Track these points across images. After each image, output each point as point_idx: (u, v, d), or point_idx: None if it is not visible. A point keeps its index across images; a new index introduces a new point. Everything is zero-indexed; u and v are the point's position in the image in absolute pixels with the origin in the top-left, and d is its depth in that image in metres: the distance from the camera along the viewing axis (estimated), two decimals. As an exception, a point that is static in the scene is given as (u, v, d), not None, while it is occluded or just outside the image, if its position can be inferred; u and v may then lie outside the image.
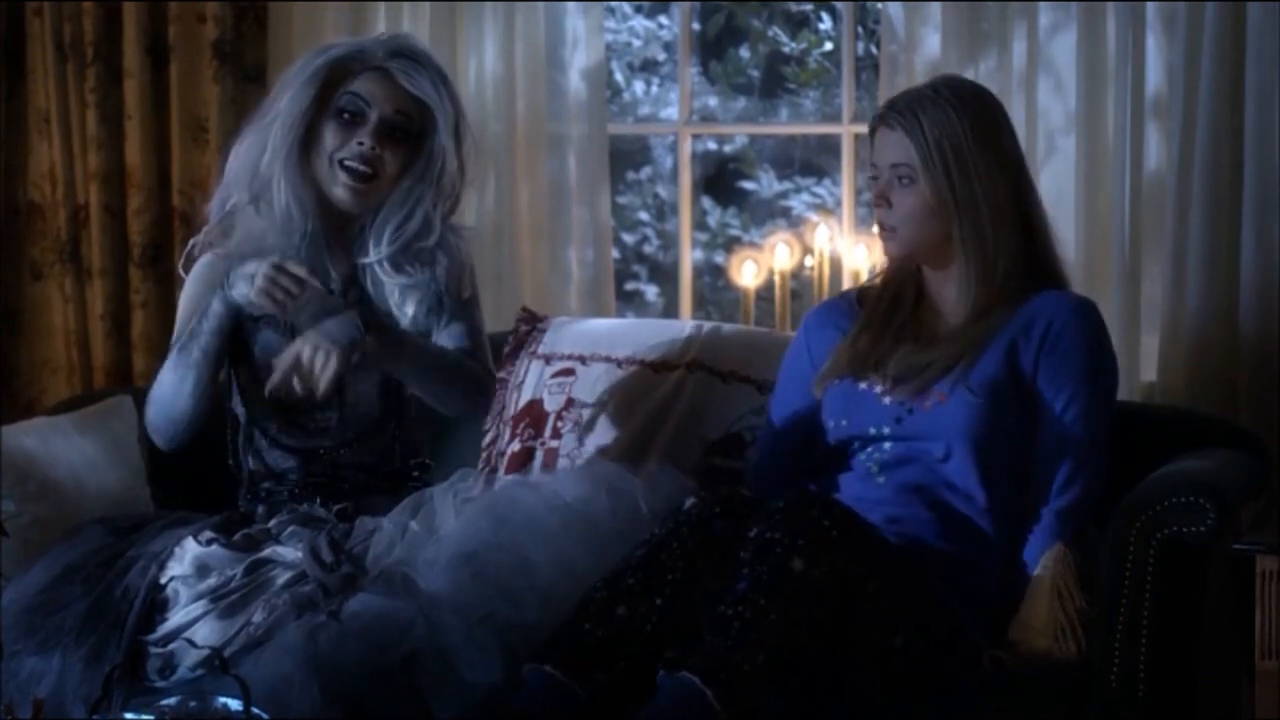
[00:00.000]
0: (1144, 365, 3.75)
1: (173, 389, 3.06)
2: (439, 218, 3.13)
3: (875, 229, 3.01)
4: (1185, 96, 3.66)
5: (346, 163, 3.05)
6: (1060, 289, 2.97)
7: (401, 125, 3.07)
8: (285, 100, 3.06)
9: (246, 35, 4.11)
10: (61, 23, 4.11)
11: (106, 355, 4.14)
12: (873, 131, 2.98)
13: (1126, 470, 2.95)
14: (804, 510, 2.65)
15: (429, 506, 2.98)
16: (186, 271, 3.20)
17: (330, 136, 3.06)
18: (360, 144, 3.05)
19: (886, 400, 2.94)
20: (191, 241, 3.21)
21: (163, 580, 2.94)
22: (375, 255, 3.11)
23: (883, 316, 3.01)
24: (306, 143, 3.07)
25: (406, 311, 3.13)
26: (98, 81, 4.12)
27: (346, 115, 3.06)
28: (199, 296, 3.13)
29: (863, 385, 2.97)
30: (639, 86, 6.37)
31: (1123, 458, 3.12)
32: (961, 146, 2.89)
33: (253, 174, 3.09)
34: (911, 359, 2.93)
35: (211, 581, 2.92)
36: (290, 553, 2.95)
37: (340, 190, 3.07)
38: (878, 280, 3.08)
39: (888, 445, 2.94)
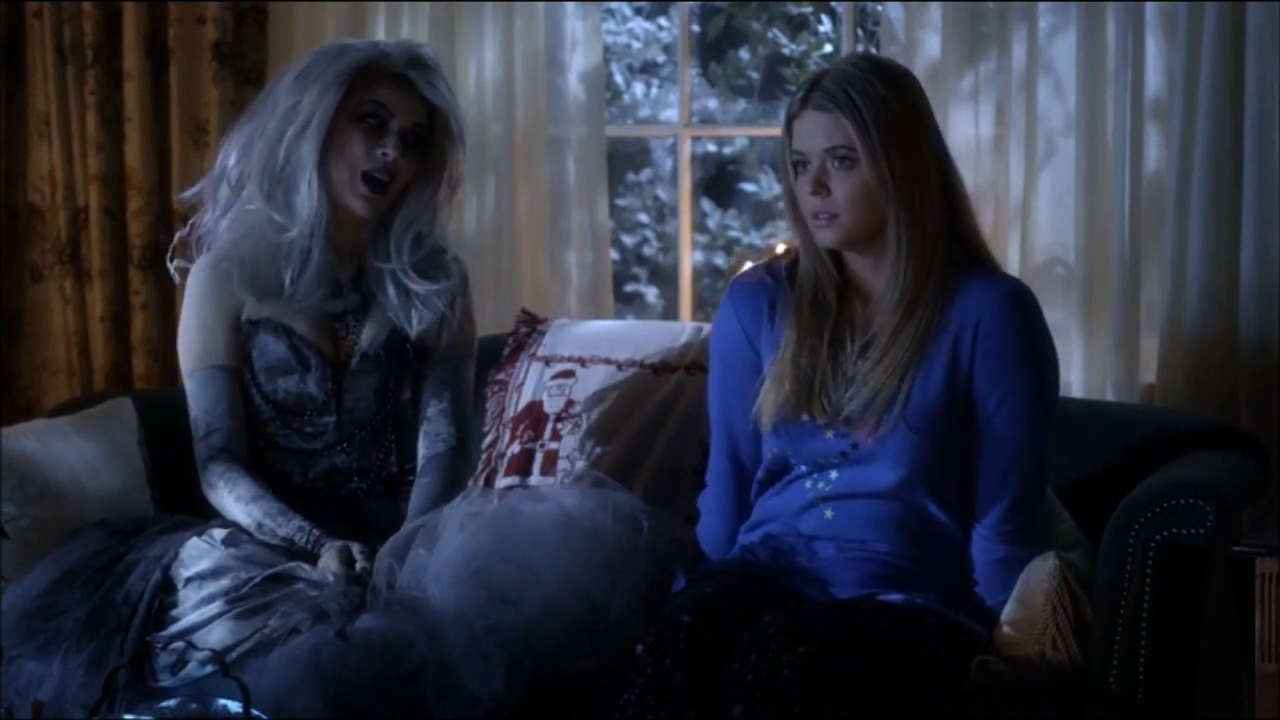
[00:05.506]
0: (1144, 367, 3.74)
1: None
2: (447, 217, 3.20)
3: (810, 219, 2.82)
4: (1185, 98, 3.65)
5: (370, 173, 3.08)
6: (985, 272, 2.87)
7: (417, 134, 3.11)
8: (307, 101, 3.06)
9: (246, 37, 4.11)
10: (61, 25, 4.11)
11: (106, 357, 4.14)
12: (792, 117, 2.83)
13: (1126, 472, 2.95)
14: (779, 684, 2.59)
15: (432, 528, 2.98)
16: (172, 260, 3.23)
17: (356, 144, 3.08)
18: (384, 154, 3.08)
19: (830, 434, 2.88)
20: (177, 235, 3.23)
21: (184, 574, 2.94)
22: (398, 263, 3.15)
23: (815, 325, 2.89)
24: (326, 145, 3.09)
25: (414, 323, 3.17)
26: (97, 84, 4.12)
27: (371, 121, 3.08)
28: (213, 317, 3.15)
29: (805, 418, 2.88)
30: (639, 89, 6.36)
31: (1122, 460, 3.12)
32: (897, 125, 2.78)
33: (270, 172, 3.10)
34: (859, 396, 2.84)
35: (225, 583, 2.92)
36: (312, 570, 2.97)
37: (357, 201, 3.10)
38: (791, 258, 2.93)
39: (834, 474, 2.89)
